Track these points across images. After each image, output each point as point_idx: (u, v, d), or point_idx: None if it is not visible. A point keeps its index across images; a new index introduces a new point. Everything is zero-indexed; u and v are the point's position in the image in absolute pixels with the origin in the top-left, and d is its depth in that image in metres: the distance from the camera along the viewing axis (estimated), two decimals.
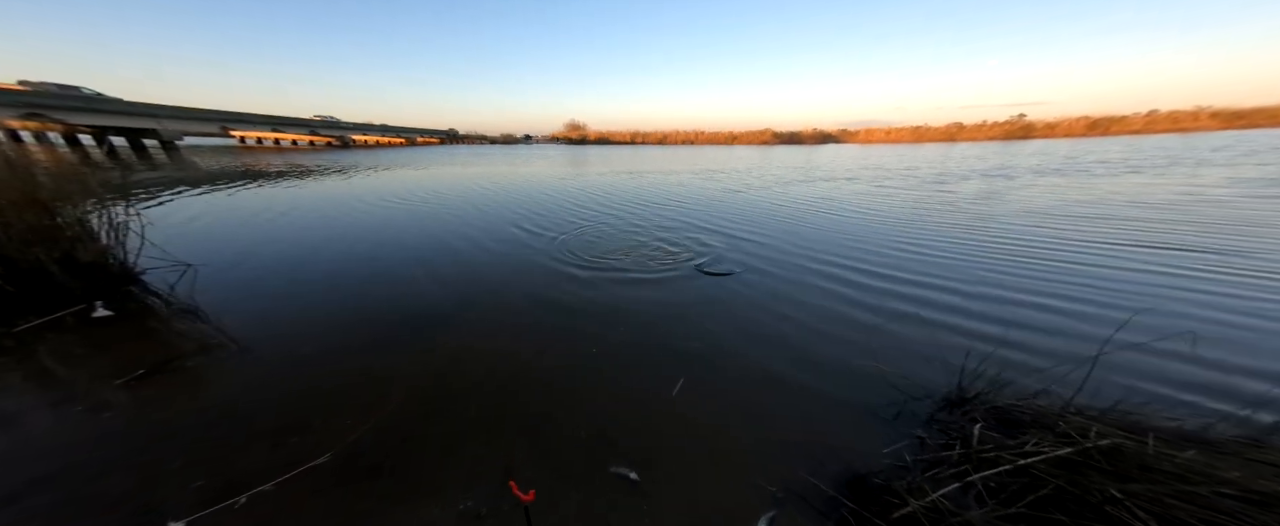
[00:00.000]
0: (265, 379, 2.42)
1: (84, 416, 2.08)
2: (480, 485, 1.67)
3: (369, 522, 1.52)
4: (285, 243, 5.49)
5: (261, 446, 1.87)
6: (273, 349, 2.76)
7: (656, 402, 2.20)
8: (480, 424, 2.04)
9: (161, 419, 2.08)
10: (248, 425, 2.02)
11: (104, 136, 26.81)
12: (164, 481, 1.68)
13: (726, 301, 3.54)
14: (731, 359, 2.65)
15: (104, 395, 2.23)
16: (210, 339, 2.89)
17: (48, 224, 3.48)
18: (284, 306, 3.46)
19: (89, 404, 2.17)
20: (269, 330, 3.02)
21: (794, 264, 4.59)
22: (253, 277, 4.14)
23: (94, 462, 1.79)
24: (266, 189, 10.56)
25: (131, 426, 2.02)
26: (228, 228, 6.34)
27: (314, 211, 7.68)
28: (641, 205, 8.38)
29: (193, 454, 1.84)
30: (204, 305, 3.42)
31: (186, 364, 2.56)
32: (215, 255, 4.75)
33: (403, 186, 11.53)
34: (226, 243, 5.45)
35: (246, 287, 3.87)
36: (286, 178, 13.29)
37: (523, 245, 5.39)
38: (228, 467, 1.75)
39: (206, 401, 2.22)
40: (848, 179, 13.24)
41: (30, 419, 2.06)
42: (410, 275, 4.21)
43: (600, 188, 11.22)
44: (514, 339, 2.88)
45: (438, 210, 7.95)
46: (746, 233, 6.05)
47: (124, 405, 2.17)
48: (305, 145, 49.96)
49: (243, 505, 1.55)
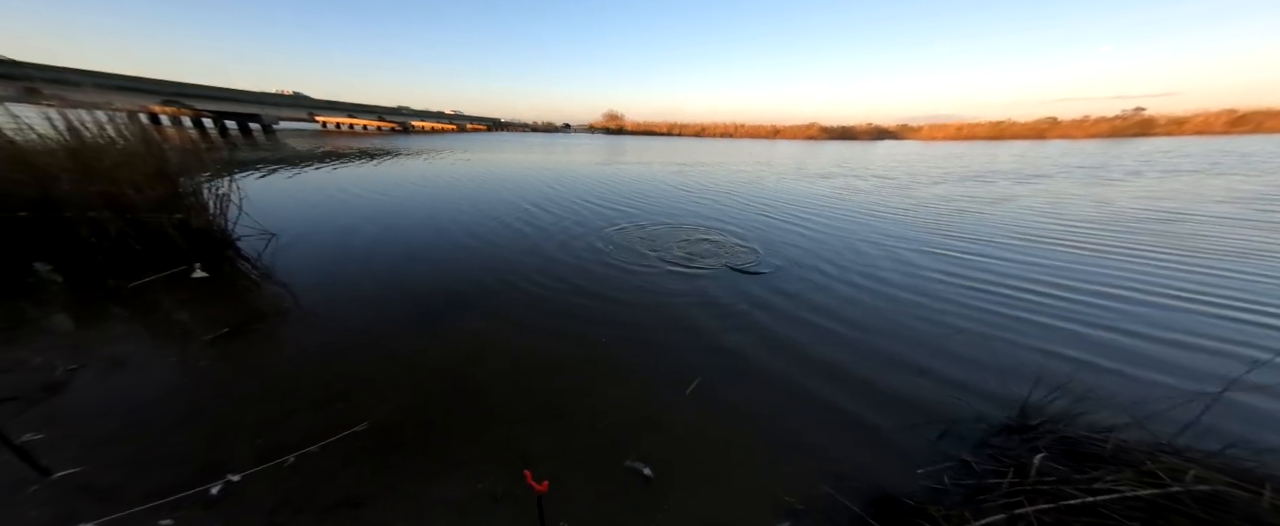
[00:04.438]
0: (322, 345, 2.44)
1: (175, 367, 2.17)
2: (498, 467, 1.59)
3: (395, 492, 1.47)
4: (352, 218, 5.65)
5: (311, 410, 1.87)
6: (330, 317, 2.80)
7: (675, 400, 2.03)
8: (502, 407, 1.96)
9: (235, 376, 2.13)
10: (302, 388, 2.03)
11: (221, 120, 29.61)
12: (230, 435, 1.71)
13: (757, 301, 3.22)
14: (755, 361, 2.40)
15: (193, 349, 2.33)
16: (282, 304, 2.98)
17: (171, 193, 3.72)
18: (343, 278, 3.52)
19: (180, 356, 2.27)
20: (330, 299, 3.07)
21: (835, 264, 4.11)
22: (322, 249, 4.27)
23: (175, 411, 1.85)
24: (342, 169, 11.00)
25: (210, 380, 2.08)
26: (307, 202, 6.64)
27: (380, 191, 7.88)
28: (676, 197, 7.95)
29: (256, 411, 1.86)
30: (280, 272, 3.55)
31: (261, 326, 2.65)
32: (294, 226, 4.95)
33: (455, 171, 11.65)
34: (304, 216, 5.68)
35: (316, 258, 3.99)
36: (359, 159, 13.81)
37: (557, 232, 5.22)
38: (281, 427, 1.75)
39: (273, 362, 2.27)
40: (883, 176, 12.12)
41: (133, 364, 2.17)
42: (454, 258, 4.17)
43: (637, 178, 10.84)
44: (539, 325, 2.77)
45: (486, 195, 7.92)
46: (784, 229, 5.56)
47: (208, 360, 2.25)
48: (373, 130, 52.62)
49: (291, 464, 1.55)
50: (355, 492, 1.45)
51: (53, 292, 2.96)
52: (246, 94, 30.59)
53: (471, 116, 73.88)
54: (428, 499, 1.45)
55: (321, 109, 41.56)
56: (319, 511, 1.37)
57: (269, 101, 33.07)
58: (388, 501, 1.43)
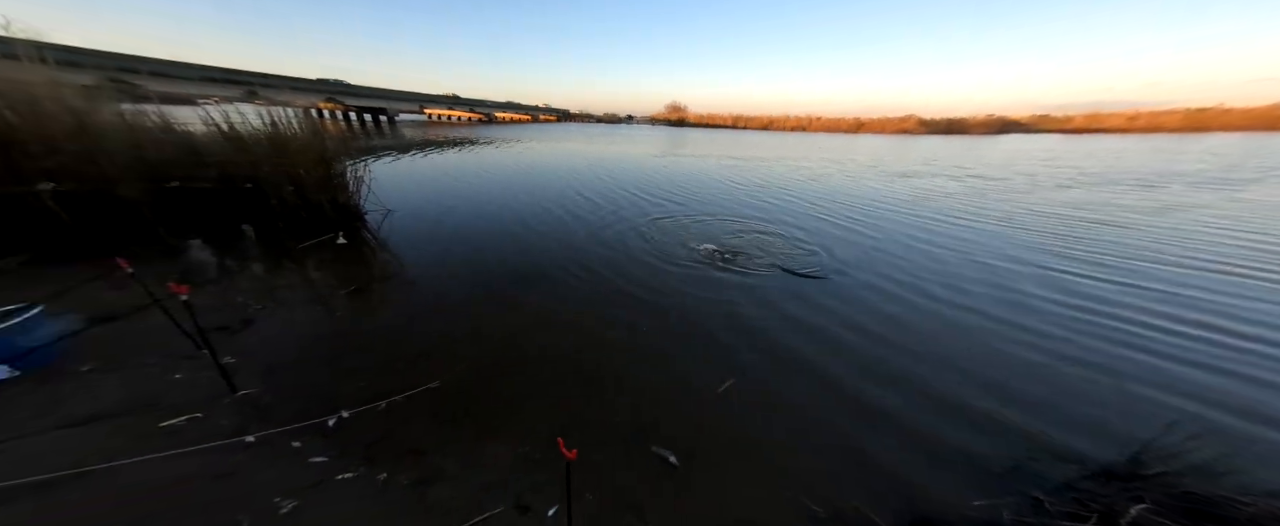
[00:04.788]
0: (414, 309, 2.84)
1: (319, 315, 2.70)
2: (538, 435, 1.72)
3: (453, 445, 1.66)
4: (443, 199, 6.35)
5: (402, 364, 2.18)
6: (422, 285, 3.23)
7: (708, 397, 2.02)
8: (546, 382, 2.09)
9: (356, 327, 2.58)
10: (398, 344, 2.38)
11: (361, 114, 35.90)
12: (346, 377, 2.06)
13: (811, 306, 3.00)
14: (797, 366, 2.27)
15: (331, 301, 2.88)
16: (391, 270, 3.51)
17: (328, 174, 4.54)
18: (433, 252, 4.00)
19: (324, 306, 2.81)
20: (423, 269, 3.53)
21: (908, 274, 3.62)
22: (420, 226, 4.87)
23: (316, 351, 2.29)
24: (438, 156, 12.27)
25: (341, 329, 2.55)
26: (412, 183, 7.60)
27: (465, 177, 8.68)
28: (734, 192, 7.54)
29: (365, 359, 2.22)
30: (391, 243, 4.21)
31: (377, 287, 3.16)
32: (402, 204, 5.70)
33: (523, 159, 12.33)
34: (410, 195, 6.51)
35: (415, 233, 4.58)
36: (451, 147, 15.38)
37: (615, 222, 5.28)
38: (380, 375, 2.07)
39: (382, 319, 2.70)
40: (988, 176, 10.54)
41: (295, 309, 2.75)
42: (517, 242, 4.47)
43: (697, 171, 10.47)
44: (585, 310, 2.88)
45: (546, 184, 8.21)
46: (845, 232, 5.02)
47: (341, 311, 2.76)
48: (464, 120, 58.36)
49: (382, 409, 1.83)
50: (425, 442, 1.68)
51: (251, 248, 3.85)
52: (376, 91, 36.33)
53: (543, 108, 78.16)
54: (479, 455, 1.62)
55: (428, 102, 47.87)
56: (398, 453, 1.61)
57: (392, 97, 38.98)
58: (448, 452, 1.63)
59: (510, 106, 67.32)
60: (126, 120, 3.96)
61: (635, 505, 1.45)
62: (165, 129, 4.19)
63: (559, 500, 1.42)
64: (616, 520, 1.40)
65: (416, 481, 1.50)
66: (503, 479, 1.54)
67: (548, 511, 1.42)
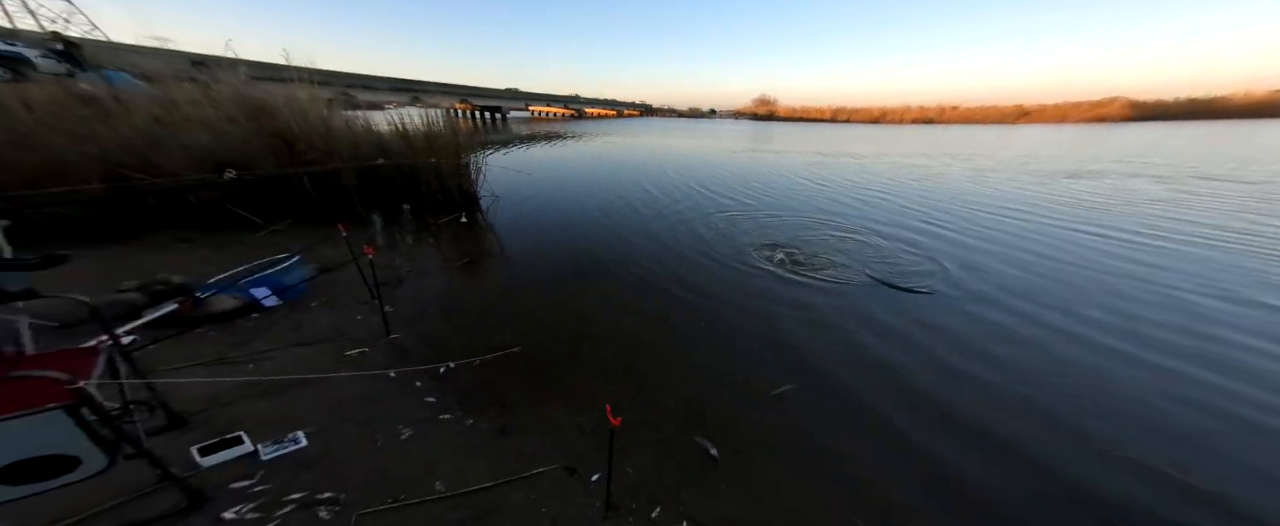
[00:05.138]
0: (508, 283, 3.19)
1: (444, 280, 3.22)
2: (592, 408, 1.81)
3: (524, 405, 1.84)
4: (536, 188, 6.83)
5: (494, 328, 2.49)
6: (515, 262, 3.60)
7: (762, 399, 1.90)
8: (608, 362, 2.18)
9: (466, 293, 3.02)
10: (493, 310, 2.72)
11: (482, 111, 40.61)
12: (455, 334, 2.43)
13: (905, 320, 2.56)
14: (872, 380, 2.00)
15: (451, 270, 3.41)
16: (493, 247, 3.99)
17: (458, 164, 5.27)
18: (525, 234, 4.39)
19: (447, 273, 3.35)
20: (516, 248, 3.93)
21: (1057, 298, 2.85)
22: (516, 210, 5.36)
23: (439, 309, 2.73)
24: (535, 148, 13.13)
25: (456, 292, 3.01)
26: (514, 172, 8.25)
27: (559, 166, 9.22)
28: (817, 191, 6.65)
29: (470, 320, 2.59)
30: (495, 224, 4.77)
31: (483, 261, 3.63)
32: (505, 190, 6.27)
33: (603, 152, 12.47)
34: (512, 182, 7.11)
35: (512, 217, 5.06)
36: (545, 141, 16.21)
37: (692, 215, 5.11)
38: (478, 336, 2.39)
39: (485, 287, 3.11)
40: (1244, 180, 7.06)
41: (428, 273, 3.30)
42: (600, 229, 4.62)
43: (776, 168, 9.43)
44: (651, 299, 2.88)
45: (629, 177, 8.22)
46: (969, 243, 4.09)
47: (458, 279, 3.25)
48: (559, 116, 60.70)
49: (476, 365, 2.12)
50: (505, 397, 1.91)
51: (407, 222, 4.74)
52: (494, 91, 40.56)
53: (628, 102, 78.34)
54: (542, 416, 1.79)
55: (532, 100, 51.90)
56: (484, 404, 1.86)
57: (505, 96, 43.26)
58: (519, 410, 1.83)
59: (597, 102, 69.33)
60: (347, 124, 5.08)
61: (671, 487, 1.47)
62: (366, 130, 5.26)
63: (603, 467, 1.47)
64: (651, 497, 1.43)
65: (495, 430, 1.73)
66: (559, 440, 1.68)
67: (592, 476, 1.51)
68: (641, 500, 1.42)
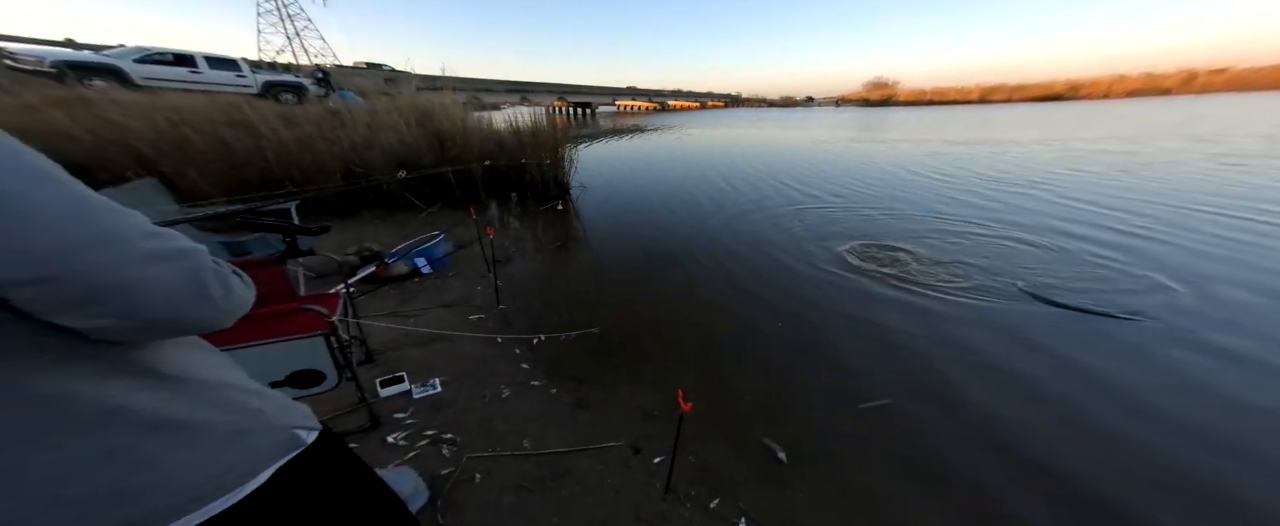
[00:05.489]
0: (590, 267, 3.29)
1: (539, 260, 3.49)
2: (660, 394, 1.78)
3: (600, 382, 1.88)
4: (617, 179, 6.83)
5: (578, 307, 2.59)
6: (598, 248, 3.68)
7: (846, 409, 1.65)
8: (681, 351, 2.09)
9: (556, 274, 3.21)
10: (577, 292, 2.83)
11: (575, 107, 42.33)
12: (546, 311, 2.59)
13: (1086, 349, 1.89)
14: (1015, 415, 1.55)
15: (545, 252, 3.67)
16: (579, 234, 4.14)
17: (556, 157, 5.59)
18: (607, 222, 4.44)
19: (542, 255, 3.61)
20: (599, 235, 4.01)
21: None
22: (600, 200, 5.46)
23: (535, 286, 2.97)
24: (618, 142, 12.98)
25: (549, 273, 3.23)
26: (599, 163, 8.39)
27: (646, 158, 9.06)
28: (942, 187, 5.44)
29: (557, 298, 2.76)
30: (582, 212, 4.94)
31: (571, 245, 3.82)
32: (591, 180, 6.42)
33: (690, 144, 11.73)
34: (597, 173, 7.22)
35: (596, 206, 5.17)
36: (628, 134, 15.92)
37: (772, 210, 4.60)
38: (564, 313, 2.53)
39: (571, 271, 3.27)
40: None
41: (527, 254, 3.62)
42: (681, 220, 4.42)
43: (882, 159, 8.01)
44: (727, 293, 2.66)
45: (713, 168, 7.67)
46: (1220, 268, 2.79)
47: (550, 260, 3.48)
48: (643, 109, 59.36)
49: (562, 340, 2.25)
50: (584, 373, 1.98)
51: (514, 208, 5.27)
52: (587, 88, 41.73)
53: (712, 94, 73.21)
54: (616, 396, 1.82)
55: (618, 95, 51.86)
56: (566, 377, 1.96)
57: (595, 93, 44.09)
58: (594, 386, 1.88)
59: (681, 95, 67.71)
60: (477, 124, 5.75)
61: (732, 482, 1.37)
62: (489, 128, 5.89)
63: (667, 452, 1.43)
64: (711, 487, 1.35)
65: (574, 403, 1.80)
66: (627, 421, 1.68)
67: (654, 459, 1.47)
68: (701, 489, 1.35)
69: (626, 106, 64.40)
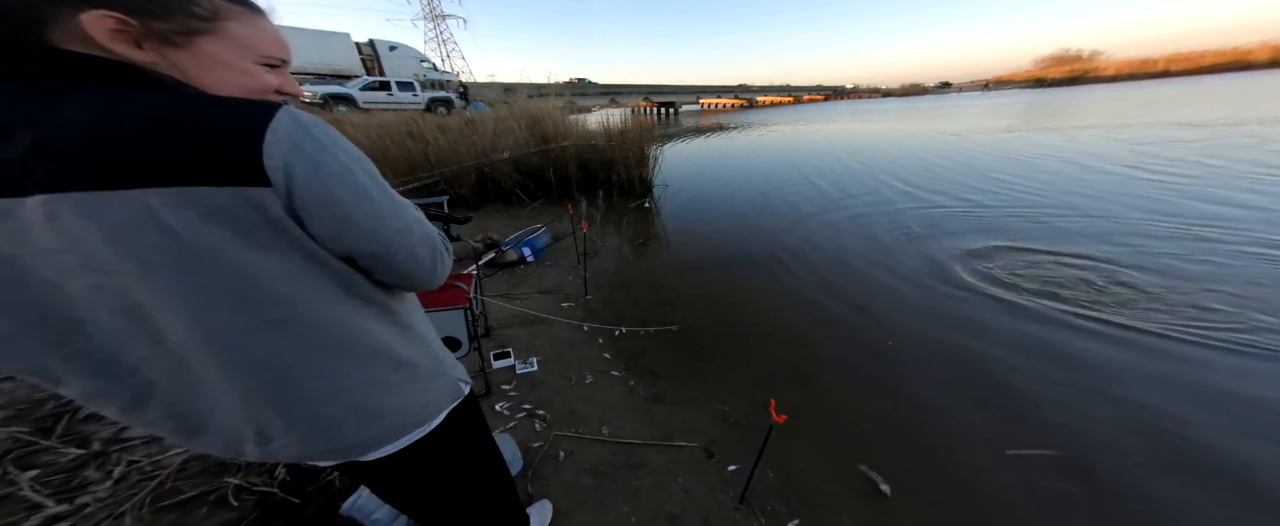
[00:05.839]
0: (671, 265, 3.26)
1: (623, 255, 3.62)
2: (738, 399, 1.68)
3: (676, 379, 1.87)
4: (710, 173, 6.59)
5: (660, 304, 2.61)
6: (678, 246, 3.62)
7: (985, 453, 1.33)
8: (763, 356, 1.94)
9: (638, 269, 3.28)
10: (658, 288, 2.85)
11: (659, 107, 42.79)
12: (627, 304, 2.69)
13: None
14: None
15: (629, 248, 3.79)
16: (660, 232, 4.14)
17: (642, 156, 5.78)
18: (686, 222, 4.32)
19: (627, 249, 3.75)
20: (680, 234, 3.94)
21: None
22: (680, 199, 5.34)
23: (619, 278, 3.09)
24: (699, 141, 12.26)
25: (632, 267, 3.34)
26: (681, 162, 8.11)
27: (728, 157, 8.53)
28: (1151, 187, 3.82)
29: (640, 293, 2.81)
30: (664, 210, 4.92)
31: (653, 242, 3.86)
32: (673, 179, 6.34)
33: (774, 141, 10.55)
34: (679, 172, 7.04)
35: (676, 205, 5.08)
36: (711, 132, 15.03)
37: (882, 215, 4.27)
38: (646, 308, 2.59)
39: (652, 267, 3.29)
40: None
41: (611, 249, 3.79)
42: (771, 221, 4.05)
43: (1080, 152, 5.54)
44: (831, 303, 2.34)
45: (804, 167, 7.06)
46: None
47: (632, 256, 3.60)
48: (728, 107, 54.87)
49: (642, 334, 2.28)
50: (661, 368, 1.99)
51: (602, 204, 5.67)
52: (668, 87, 41.47)
53: (807, 87, 64.31)
54: (691, 393, 1.77)
55: (701, 93, 49.94)
56: (643, 370, 1.99)
57: (678, 92, 43.52)
58: (672, 382, 1.86)
59: (770, 90, 61.24)
60: (574, 125, 6.31)
61: (815, 506, 1.22)
62: (584, 128, 6.38)
63: (743, 460, 1.35)
64: (790, 507, 1.22)
65: (650, 396, 1.81)
66: (702, 422, 1.61)
67: (729, 466, 1.38)
68: (780, 505, 1.22)
69: (710, 104, 61.57)
